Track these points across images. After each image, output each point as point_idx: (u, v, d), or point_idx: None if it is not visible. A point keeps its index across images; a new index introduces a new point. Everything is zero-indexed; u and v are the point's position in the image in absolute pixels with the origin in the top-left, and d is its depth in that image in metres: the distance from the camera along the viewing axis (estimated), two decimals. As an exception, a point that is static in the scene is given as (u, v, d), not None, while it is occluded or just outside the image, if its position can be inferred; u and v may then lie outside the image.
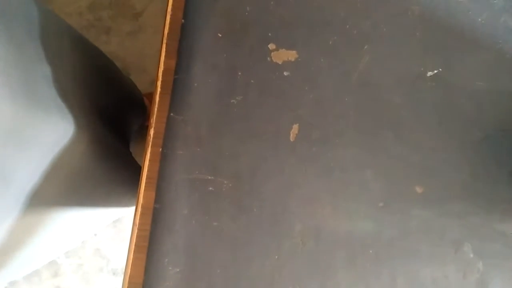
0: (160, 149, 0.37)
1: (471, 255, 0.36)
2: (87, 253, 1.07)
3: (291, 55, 0.39)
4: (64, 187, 0.46)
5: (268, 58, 0.38)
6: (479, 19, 0.40)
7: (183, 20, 0.38)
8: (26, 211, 0.39)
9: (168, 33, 0.38)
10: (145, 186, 0.36)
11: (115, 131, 0.61)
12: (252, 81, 0.38)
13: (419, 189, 0.37)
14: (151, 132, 0.37)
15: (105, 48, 1.07)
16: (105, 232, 1.07)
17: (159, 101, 0.37)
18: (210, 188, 0.36)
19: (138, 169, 0.67)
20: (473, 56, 0.39)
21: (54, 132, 0.38)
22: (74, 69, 0.47)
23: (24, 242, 0.45)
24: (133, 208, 0.40)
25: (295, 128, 0.38)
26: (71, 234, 0.62)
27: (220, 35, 0.38)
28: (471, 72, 0.39)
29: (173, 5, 0.38)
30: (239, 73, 0.38)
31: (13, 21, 0.35)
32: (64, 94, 0.41)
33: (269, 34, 0.39)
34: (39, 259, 0.58)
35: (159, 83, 0.37)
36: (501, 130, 0.38)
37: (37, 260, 0.57)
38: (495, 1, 0.40)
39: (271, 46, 0.39)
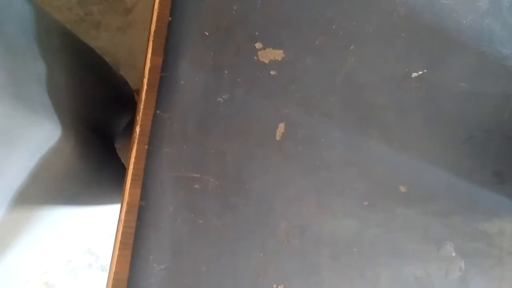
0: (146, 147, 0.37)
1: (453, 254, 0.37)
2: (79, 252, 1.06)
3: (277, 54, 0.39)
4: (51, 187, 0.45)
5: (255, 57, 0.39)
6: (464, 21, 0.40)
7: (170, 18, 0.38)
8: (13, 209, 0.39)
9: (154, 30, 0.38)
10: (130, 183, 0.36)
11: (102, 129, 0.61)
12: (238, 79, 0.38)
13: (403, 188, 0.38)
14: (137, 129, 0.37)
15: (95, 43, 1.06)
16: (98, 234, 1.07)
17: (145, 98, 0.37)
18: (196, 186, 0.36)
19: (123, 168, 0.66)
20: (457, 57, 0.40)
21: (40, 132, 0.38)
22: (65, 66, 0.46)
23: (10, 242, 0.45)
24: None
25: (281, 127, 0.38)
26: (61, 239, 0.62)
27: (207, 34, 0.39)
28: (456, 73, 0.39)
29: (159, 2, 0.38)
30: (226, 72, 0.38)
31: (4, 17, 0.35)
32: (54, 93, 0.41)
33: (256, 33, 0.39)
34: (31, 266, 0.57)
35: (145, 81, 0.37)
36: (484, 131, 0.39)
37: (28, 267, 0.57)
38: (479, 4, 0.40)
39: (258, 45, 0.39)
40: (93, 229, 0.77)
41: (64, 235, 0.61)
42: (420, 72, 0.39)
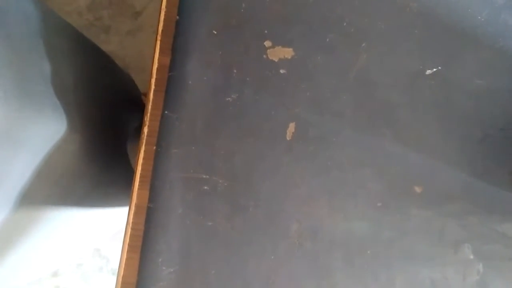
0: (154, 148, 0.36)
1: (471, 256, 0.36)
2: (87, 253, 1.07)
3: (287, 52, 0.38)
4: (56, 187, 0.46)
5: (264, 56, 0.38)
6: (479, 17, 0.39)
7: (177, 17, 0.38)
8: (18, 210, 0.39)
9: (162, 30, 0.37)
10: (138, 184, 0.36)
11: (111, 130, 0.61)
12: (247, 78, 0.37)
13: (418, 189, 0.37)
14: (145, 130, 0.36)
15: (105, 47, 1.07)
16: (105, 234, 1.07)
17: (153, 99, 0.37)
18: (205, 187, 0.36)
19: (132, 169, 0.66)
20: (472, 54, 0.39)
21: (45, 132, 0.38)
22: (73, 66, 0.47)
23: (17, 241, 0.45)
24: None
25: (291, 126, 0.37)
26: (69, 240, 0.62)
27: (215, 32, 0.38)
28: (471, 70, 0.38)
29: (167, 1, 0.38)
30: (235, 71, 0.38)
31: (11, 19, 0.35)
32: (61, 93, 0.41)
33: (265, 31, 0.38)
34: (38, 266, 0.58)
35: (153, 81, 0.37)
36: (500, 129, 0.38)
37: (35, 267, 0.57)
38: (495, -2, 0.39)
39: (267, 43, 0.38)
40: (101, 230, 0.77)
41: (72, 235, 0.61)
42: (435, 69, 0.38)
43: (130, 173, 0.64)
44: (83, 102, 0.47)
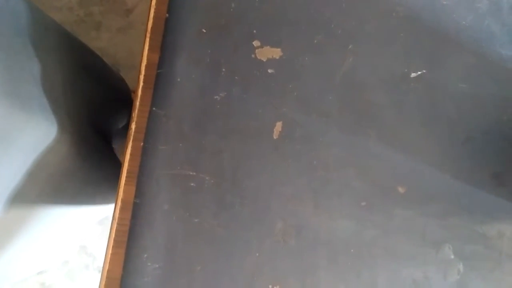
0: (142, 144, 0.36)
1: (452, 256, 0.36)
2: (73, 250, 1.06)
3: (275, 52, 0.39)
4: (48, 187, 0.45)
5: (253, 55, 0.38)
6: (463, 22, 0.40)
7: (167, 15, 0.38)
8: (9, 209, 0.39)
9: (152, 27, 0.38)
10: (125, 180, 0.36)
11: (100, 129, 0.61)
12: (236, 77, 0.38)
13: (401, 189, 0.37)
14: (133, 126, 0.36)
15: (95, 44, 1.06)
16: (91, 230, 1.06)
17: (141, 95, 0.37)
18: (192, 184, 0.36)
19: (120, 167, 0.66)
20: (456, 58, 0.39)
21: (36, 132, 0.38)
22: (61, 66, 0.46)
23: (8, 241, 0.44)
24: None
25: (278, 125, 0.37)
26: (57, 240, 0.61)
27: (204, 31, 0.38)
28: (454, 74, 0.39)
29: (157, -1, 0.38)
30: (223, 69, 0.38)
31: (0, 18, 0.35)
32: (50, 93, 0.40)
33: (254, 31, 0.39)
34: (26, 266, 0.57)
35: (141, 77, 0.37)
36: (483, 132, 0.39)
37: (24, 267, 0.57)
38: (479, 5, 0.40)
39: (256, 43, 0.39)
40: (88, 227, 0.77)
41: (60, 234, 0.60)
42: (419, 72, 0.39)
43: (118, 170, 0.64)
44: (72, 101, 0.47)
